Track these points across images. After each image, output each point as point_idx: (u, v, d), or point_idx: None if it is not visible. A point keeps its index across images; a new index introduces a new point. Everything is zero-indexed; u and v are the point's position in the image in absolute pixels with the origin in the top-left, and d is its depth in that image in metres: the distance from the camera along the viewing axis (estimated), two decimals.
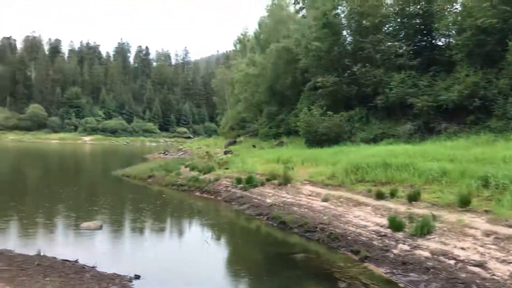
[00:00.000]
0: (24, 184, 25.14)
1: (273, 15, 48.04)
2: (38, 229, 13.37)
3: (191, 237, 13.58)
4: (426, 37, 28.65)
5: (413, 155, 16.26)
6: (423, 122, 23.90)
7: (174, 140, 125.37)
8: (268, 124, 42.95)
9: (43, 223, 14.15)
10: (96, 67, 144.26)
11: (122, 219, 15.69)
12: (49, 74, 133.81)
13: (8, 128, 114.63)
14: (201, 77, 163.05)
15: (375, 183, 14.79)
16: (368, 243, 10.80)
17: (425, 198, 12.36)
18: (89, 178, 30.45)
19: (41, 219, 14.70)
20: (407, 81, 25.43)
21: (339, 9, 32.80)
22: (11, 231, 13.10)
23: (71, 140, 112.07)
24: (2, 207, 16.53)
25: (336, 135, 27.24)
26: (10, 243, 11.25)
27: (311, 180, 17.68)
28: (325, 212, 13.72)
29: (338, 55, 31.18)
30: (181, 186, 22.79)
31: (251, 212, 16.21)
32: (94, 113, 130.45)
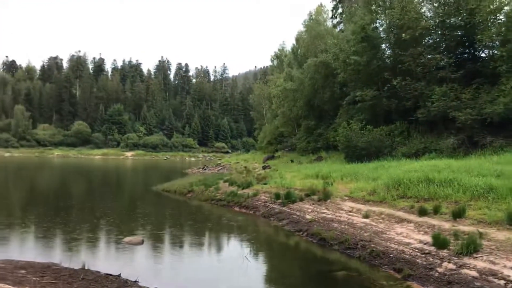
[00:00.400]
0: (68, 199, 25.91)
1: (310, 30, 48.05)
2: (82, 243, 13.72)
3: (230, 253, 13.58)
4: (468, 49, 27.93)
5: (457, 170, 15.80)
6: (466, 136, 23.19)
7: (213, 155, 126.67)
8: (306, 139, 42.76)
9: (87, 237, 14.52)
10: (137, 84, 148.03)
11: (163, 234, 15.90)
12: (93, 92, 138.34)
13: (54, 144, 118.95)
14: (239, 92, 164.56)
15: (417, 199, 14.45)
16: (411, 261, 10.52)
17: (470, 215, 11.96)
18: (131, 193, 31.09)
19: (85, 233, 15.11)
20: (449, 94, 24.80)
21: (377, 23, 32.54)
22: (57, 245, 13.51)
23: (114, 155, 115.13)
24: (49, 222, 17.11)
25: (376, 150, 26.80)
26: (56, 257, 11.60)
27: (351, 196, 17.45)
28: (366, 228, 13.47)
29: (377, 69, 30.83)
30: (220, 201, 22.95)
31: (290, 228, 16.10)
32: (136, 129, 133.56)
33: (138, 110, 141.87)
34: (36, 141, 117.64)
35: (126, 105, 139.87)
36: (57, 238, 14.45)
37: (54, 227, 16.08)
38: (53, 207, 21.68)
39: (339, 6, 55.14)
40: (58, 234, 15.00)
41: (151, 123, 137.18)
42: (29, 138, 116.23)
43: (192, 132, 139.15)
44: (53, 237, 14.59)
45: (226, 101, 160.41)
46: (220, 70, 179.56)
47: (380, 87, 30.48)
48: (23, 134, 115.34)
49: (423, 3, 29.29)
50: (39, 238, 14.38)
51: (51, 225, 16.42)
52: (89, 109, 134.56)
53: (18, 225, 16.39)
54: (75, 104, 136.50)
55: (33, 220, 17.58)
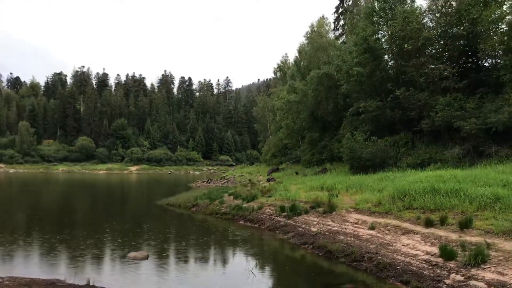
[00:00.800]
0: (73, 215, 25.89)
1: (312, 42, 48.32)
2: (87, 259, 13.65)
3: (235, 267, 13.47)
4: (471, 58, 27.98)
5: (463, 180, 15.71)
6: (472, 146, 23.10)
7: (217, 168, 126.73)
8: (311, 151, 42.71)
9: (92, 253, 14.46)
10: (141, 98, 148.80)
11: (167, 249, 15.81)
12: (97, 107, 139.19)
13: (58, 160, 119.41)
14: (243, 105, 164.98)
15: (423, 210, 14.34)
16: (419, 273, 10.39)
17: (477, 225, 11.85)
18: (135, 208, 31.02)
19: (90, 249, 15.04)
20: (453, 104, 24.78)
21: (379, 34, 32.65)
22: (62, 261, 13.44)
23: (118, 170, 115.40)
24: (53, 238, 17.07)
25: (381, 161, 26.73)
26: (61, 273, 11.54)
27: (356, 208, 17.34)
28: (372, 240, 13.36)
29: (380, 80, 30.89)
30: (224, 214, 22.87)
31: (295, 241, 16.00)
32: (140, 143, 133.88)
33: (142, 124, 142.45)
34: (41, 157, 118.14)
35: (130, 120, 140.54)
36: (62, 254, 14.38)
37: (59, 243, 16.02)
38: (58, 223, 21.65)
39: (341, 18, 55.44)
40: (63, 250, 14.94)
41: (155, 137, 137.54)
42: (33, 154, 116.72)
43: (196, 145, 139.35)
44: (58, 253, 14.53)
45: (229, 114, 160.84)
46: (224, 83, 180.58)
47: (383, 98, 30.50)
48: (28, 150, 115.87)
49: (424, 14, 29.43)
50: (43, 254, 14.33)
51: (56, 241, 16.37)
52: (93, 124, 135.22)
53: (23, 241, 16.35)
54: (79, 119, 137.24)
55: (37, 236, 17.55)
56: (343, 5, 54.65)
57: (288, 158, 53.57)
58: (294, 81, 50.27)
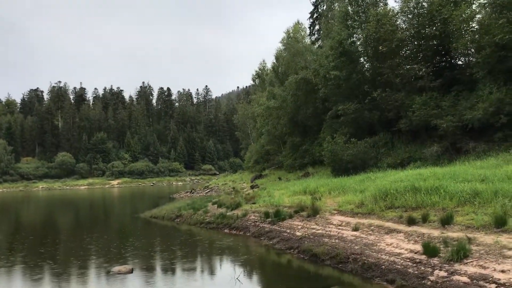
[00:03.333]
0: (55, 233, 25.49)
1: (289, 48, 48.66)
2: (71, 276, 13.45)
3: (222, 276, 13.41)
4: (445, 57, 28.49)
5: (442, 178, 15.93)
6: (449, 143, 23.49)
7: (200, 177, 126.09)
8: (293, 156, 42.82)
9: (75, 269, 14.26)
10: (120, 111, 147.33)
11: (153, 261, 15.67)
12: (76, 122, 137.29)
13: (38, 177, 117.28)
14: (223, 113, 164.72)
15: (405, 209, 14.50)
16: (403, 271, 10.50)
17: (458, 221, 12.04)
18: (118, 222, 30.66)
19: (74, 266, 14.84)
20: (430, 102, 25.18)
21: (354, 37, 33.06)
22: (46, 280, 13.20)
23: (99, 184, 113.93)
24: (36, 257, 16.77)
25: (362, 162, 26.96)
26: None
27: (340, 210, 17.45)
28: (357, 241, 13.46)
29: (357, 82, 31.22)
30: (209, 224, 22.78)
31: (281, 246, 16.01)
32: (120, 156, 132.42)
33: (122, 137, 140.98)
34: (20, 175, 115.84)
35: (110, 133, 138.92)
36: (45, 271, 14.13)
37: (42, 262, 15.74)
38: (40, 241, 21.27)
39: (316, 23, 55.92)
40: (46, 268, 14.68)
41: (135, 149, 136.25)
42: (12, 173, 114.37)
43: (178, 156, 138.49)
44: (41, 270, 14.27)
45: (210, 122, 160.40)
46: (203, 92, 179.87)
47: (361, 100, 30.81)
48: (6, 168, 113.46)
49: (397, 16, 29.89)
50: (26, 272, 14.07)
51: (39, 259, 16.08)
52: (72, 139, 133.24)
53: (5, 260, 16.01)
54: (57, 135, 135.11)
55: (20, 256, 17.21)
56: (317, 10, 55.16)
57: (271, 164, 53.60)
58: (273, 87, 50.54)
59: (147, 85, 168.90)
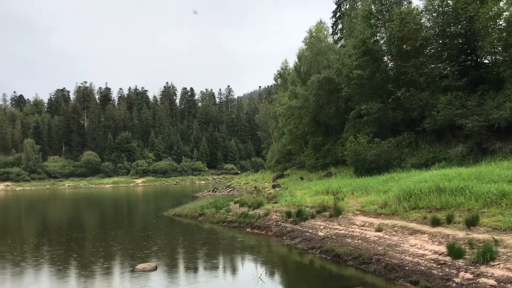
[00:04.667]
0: (81, 230, 25.96)
1: (312, 47, 48.37)
2: (96, 272, 13.70)
3: (244, 275, 13.48)
4: (470, 56, 27.96)
5: (468, 178, 15.68)
6: (475, 143, 23.07)
7: (222, 176, 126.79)
8: (315, 155, 42.66)
9: (100, 266, 14.52)
10: (144, 111, 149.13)
11: (176, 259, 15.85)
12: (101, 121, 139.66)
13: (64, 176, 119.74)
14: (245, 113, 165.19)
15: (429, 210, 14.33)
16: (427, 273, 10.39)
17: (484, 222, 11.84)
18: (142, 220, 31.06)
19: (99, 263, 15.11)
20: (455, 102, 24.74)
21: (378, 36, 32.73)
22: (71, 276, 13.49)
23: (124, 183, 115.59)
24: (63, 253, 17.15)
25: (386, 162, 26.71)
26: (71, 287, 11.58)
27: (362, 210, 17.34)
28: (380, 242, 13.36)
29: (381, 81, 30.92)
30: (231, 222, 22.90)
31: (303, 246, 16.00)
32: (145, 155, 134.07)
33: (146, 136, 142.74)
34: (47, 173, 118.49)
35: (134, 132, 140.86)
36: (71, 268, 14.45)
37: (68, 258, 16.11)
38: (66, 238, 21.73)
39: (339, 22, 55.58)
40: (72, 264, 15.01)
41: (159, 148, 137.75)
42: (39, 171, 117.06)
43: (200, 155, 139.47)
44: (67, 267, 14.59)
45: (232, 122, 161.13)
46: (225, 92, 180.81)
47: (385, 99, 30.52)
48: (34, 167, 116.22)
49: (422, 14, 29.43)
50: (53, 269, 14.40)
51: (65, 256, 16.46)
52: (98, 138, 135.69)
53: (33, 257, 16.43)
54: (83, 134, 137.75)
55: (47, 252, 17.63)
56: (340, 9, 54.83)
57: (293, 163, 53.53)
58: (295, 87, 50.33)
59: (170, 85, 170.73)
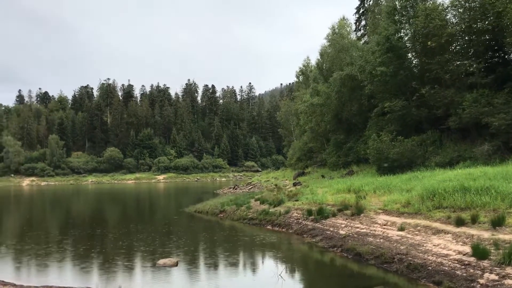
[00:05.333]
0: (104, 224, 26.33)
1: (334, 44, 47.99)
2: (118, 267, 13.86)
3: (265, 272, 13.46)
4: (497, 53, 27.32)
5: (494, 178, 15.34)
6: (502, 142, 22.56)
7: (243, 174, 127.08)
8: (336, 153, 42.34)
9: (122, 261, 14.68)
10: (166, 108, 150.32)
11: (197, 255, 15.92)
12: (124, 118, 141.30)
13: (87, 171, 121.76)
14: (266, 110, 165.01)
15: (453, 209, 14.06)
16: (451, 273, 10.19)
17: (510, 223, 11.57)
18: (164, 216, 31.32)
19: (120, 257, 15.28)
20: (481, 100, 24.24)
21: (402, 32, 32.24)
22: (94, 270, 13.68)
23: (146, 179, 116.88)
24: (85, 247, 17.40)
25: (409, 161, 26.35)
26: (93, 281, 11.75)
27: (385, 209, 17.12)
28: (402, 241, 13.17)
29: (405, 79, 30.47)
30: (252, 220, 22.90)
31: (324, 244, 15.90)
32: (166, 152, 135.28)
33: (167, 133, 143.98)
34: (71, 169, 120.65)
35: (156, 129, 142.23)
36: (94, 263, 14.64)
37: (91, 252, 16.34)
38: (89, 232, 22.05)
39: (362, 18, 55.02)
40: (94, 259, 15.22)
41: (181, 145, 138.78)
42: (63, 167, 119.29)
43: (221, 152, 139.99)
44: (90, 262, 14.80)
45: (253, 119, 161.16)
46: (246, 90, 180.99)
47: (408, 96, 30.07)
48: (58, 162, 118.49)
49: (447, 10, 28.88)
50: (76, 263, 14.61)
51: (88, 250, 16.70)
52: (120, 135, 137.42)
53: (56, 251, 16.72)
54: (106, 131, 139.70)
55: (70, 246, 17.91)
56: (363, 5, 54.26)
57: (314, 161, 53.25)
58: (316, 84, 49.97)
59: (192, 82, 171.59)
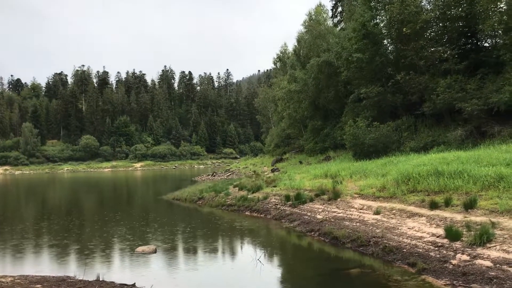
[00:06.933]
0: (80, 212, 26.08)
1: (311, 30, 48.00)
2: (96, 255, 13.79)
3: (243, 257, 13.58)
4: (471, 39, 27.79)
5: (466, 162, 15.74)
6: (474, 127, 23.07)
7: (221, 161, 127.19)
8: (314, 139, 42.71)
9: (100, 249, 14.61)
10: (142, 95, 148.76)
11: (175, 242, 15.94)
12: (99, 105, 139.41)
13: (63, 160, 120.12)
14: (244, 97, 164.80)
15: (427, 193, 14.40)
16: (425, 255, 10.47)
17: (482, 205, 11.90)
18: (141, 203, 31.19)
19: (98, 245, 15.20)
20: (454, 85, 24.68)
21: (378, 19, 32.45)
22: (71, 258, 13.58)
23: (123, 167, 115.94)
24: (61, 236, 17.23)
25: (384, 146, 26.75)
26: (71, 270, 11.68)
27: (361, 193, 17.42)
28: (378, 225, 13.44)
29: (381, 65, 30.76)
30: (230, 206, 23.00)
31: (301, 228, 16.10)
32: (143, 139, 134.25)
33: (144, 120, 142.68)
34: (46, 157, 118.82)
35: (132, 117, 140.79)
36: (71, 252, 14.53)
37: (67, 241, 16.19)
38: (66, 221, 21.80)
39: (338, 5, 55.11)
40: (71, 248, 15.09)
41: (158, 133, 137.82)
42: (38, 155, 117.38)
43: (199, 139, 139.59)
44: (67, 250, 14.68)
45: (231, 106, 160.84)
46: (224, 76, 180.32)
47: (384, 83, 30.41)
48: (33, 151, 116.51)
49: None
50: (52, 252, 14.47)
51: (64, 239, 16.54)
52: (96, 122, 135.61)
53: (32, 240, 16.52)
54: (81, 118, 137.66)
55: (46, 235, 17.71)
56: None
57: (292, 147, 53.60)
58: (294, 71, 50.08)
59: (169, 69, 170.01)
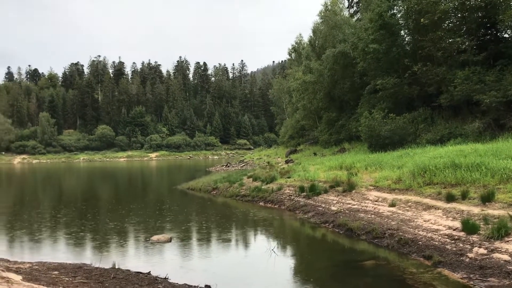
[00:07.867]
0: (97, 201, 26.37)
1: (327, 21, 47.58)
2: (112, 243, 13.95)
3: (257, 247, 13.61)
4: (490, 30, 27.27)
5: (484, 154, 15.50)
6: (492, 119, 22.71)
7: (235, 152, 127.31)
8: (328, 131, 42.48)
9: (116, 238, 14.77)
10: (158, 86, 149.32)
11: (190, 231, 16.04)
12: (115, 96, 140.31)
13: (79, 149, 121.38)
14: (258, 88, 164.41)
15: (444, 185, 14.23)
16: (441, 248, 10.38)
17: (500, 199, 11.73)
18: (157, 193, 31.42)
19: (114, 234, 15.37)
20: (472, 77, 24.30)
21: (395, 9, 32.03)
22: (88, 246, 13.77)
23: (138, 157, 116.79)
24: (79, 224, 17.46)
25: (400, 138, 26.50)
26: (87, 257, 11.85)
27: (376, 185, 17.29)
28: (393, 217, 13.35)
29: (397, 56, 30.39)
30: (244, 196, 23.05)
31: (316, 220, 16.07)
32: (158, 130, 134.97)
33: (159, 111, 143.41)
34: (62, 146, 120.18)
35: (148, 107, 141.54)
36: (87, 239, 14.73)
37: (84, 229, 16.41)
38: (83, 209, 22.09)
39: None
40: (88, 235, 15.29)
41: (173, 123, 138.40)
42: (55, 144, 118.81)
43: (213, 130, 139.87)
44: (84, 238, 14.88)
45: (246, 97, 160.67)
46: (239, 67, 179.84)
47: (401, 74, 30.06)
48: (49, 140, 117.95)
49: None
50: (70, 240, 14.68)
51: (81, 227, 16.76)
52: (112, 112, 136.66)
53: (50, 228, 16.77)
54: (97, 108, 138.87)
55: (63, 223, 17.95)
56: None
57: (306, 139, 53.42)
58: (309, 61, 49.73)
59: (184, 60, 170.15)
